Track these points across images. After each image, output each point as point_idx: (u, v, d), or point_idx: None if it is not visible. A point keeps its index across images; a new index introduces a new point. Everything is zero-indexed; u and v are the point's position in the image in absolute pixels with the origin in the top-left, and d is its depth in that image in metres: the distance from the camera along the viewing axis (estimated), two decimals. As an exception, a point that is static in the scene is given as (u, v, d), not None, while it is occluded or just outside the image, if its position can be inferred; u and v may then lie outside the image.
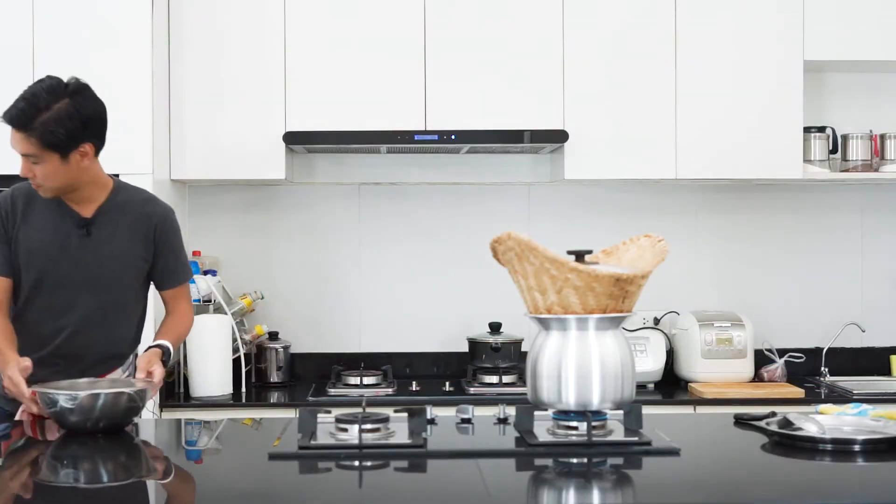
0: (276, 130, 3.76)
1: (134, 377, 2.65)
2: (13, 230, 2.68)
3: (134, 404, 2.40)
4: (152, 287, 2.87)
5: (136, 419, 2.49)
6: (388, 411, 2.37)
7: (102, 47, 3.56)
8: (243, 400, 3.73)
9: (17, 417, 2.53)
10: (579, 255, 2.31)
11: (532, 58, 3.82)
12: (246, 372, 3.86)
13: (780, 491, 1.98)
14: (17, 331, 2.69)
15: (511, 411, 2.44)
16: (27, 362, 2.51)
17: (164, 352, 2.67)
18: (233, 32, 3.79)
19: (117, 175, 3.55)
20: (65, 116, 2.56)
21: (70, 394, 2.36)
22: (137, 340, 2.86)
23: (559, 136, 3.76)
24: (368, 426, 2.26)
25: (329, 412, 2.43)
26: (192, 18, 3.78)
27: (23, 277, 2.68)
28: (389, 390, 3.77)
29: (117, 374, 2.77)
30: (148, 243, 2.77)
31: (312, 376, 4.06)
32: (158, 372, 2.57)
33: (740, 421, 2.54)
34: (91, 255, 2.69)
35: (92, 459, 2.26)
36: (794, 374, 4.03)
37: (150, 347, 2.69)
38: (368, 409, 2.34)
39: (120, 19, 3.57)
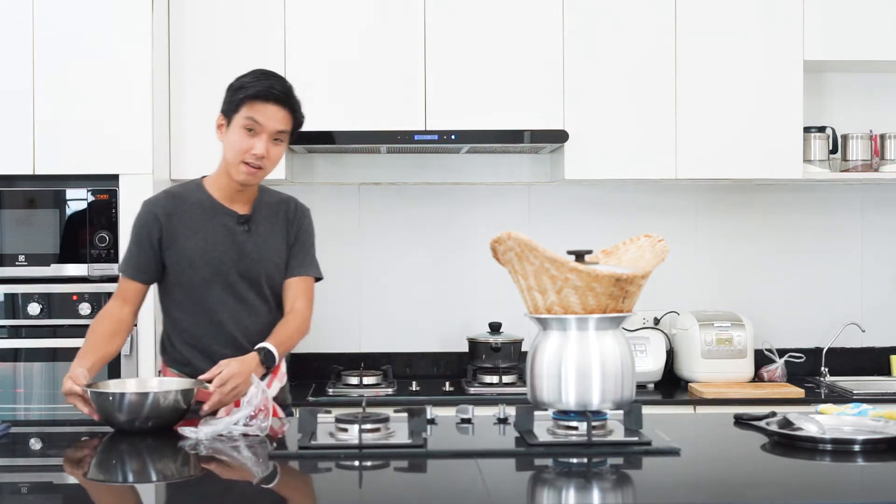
0: (276, 130, 3.76)
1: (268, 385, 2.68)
2: (162, 239, 2.67)
3: (179, 404, 2.43)
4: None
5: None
6: (388, 411, 2.38)
7: (102, 47, 3.56)
8: (243, 400, 3.73)
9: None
10: (579, 255, 2.32)
11: (532, 58, 3.82)
12: (246, 372, 3.85)
13: (780, 491, 1.98)
14: (181, 333, 2.70)
15: (511, 411, 2.44)
16: (83, 372, 2.52)
17: (263, 354, 2.57)
18: (233, 32, 3.79)
19: (117, 175, 3.58)
20: (300, 103, 2.71)
21: (118, 392, 2.42)
22: None
23: (559, 136, 3.76)
24: (368, 426, 2.27)
25: (329, 412, 2.43)
26: (192, 18, 3.78)
27: (188, 279, 2.68)
28: (389, 390, 3.77)
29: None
30: (289, 237, 2.78)
31: (312, 376, 4.06)
32: (227, 371, 2.46)
33: (740, 421, 2.55)
34: (253, 251, 2.71)
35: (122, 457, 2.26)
36: (794, 374, 4.03)
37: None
38: (368, 409, 2.35)
39: (120, 19, 3.57)
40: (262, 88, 2.61)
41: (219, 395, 2.47)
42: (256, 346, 2.61)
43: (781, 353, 4.01)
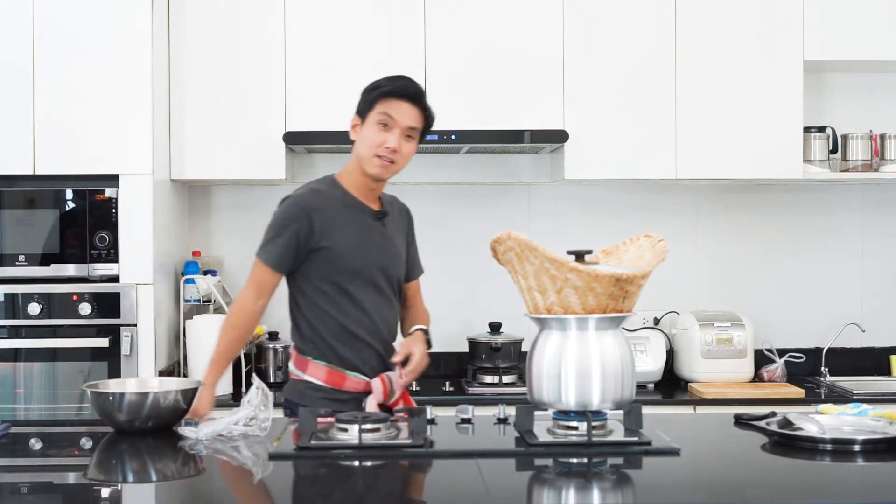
0: (276, 130, 3.76)
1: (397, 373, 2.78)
2: (312, 234, 2.71)
3: (179, 404, 2.44)
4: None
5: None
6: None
7: (102, 47, 3.56)
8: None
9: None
10: (579, 255, 2.32)
11: (532, 58, 3.81)
12: (246, 372, 3.86)
13: (780, 491, 1.99)
14: (327, 324, 2.74)
15: (511, 411, 2.44)
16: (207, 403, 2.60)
17: (426, 333, 2.84)
18: (233, 32, 3.79)
19: (117, 175, 3.58)
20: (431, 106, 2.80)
21: (118, 392, 2.42)
22: None
23: (559, 136, 3.76)
24: (368, 426, 2.27)
25: (330, 412, 2.43)
26: (192, 18, 3.78)
27: (339, 272, 2.73)
28: (389, 390, 3.77)
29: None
30: (408, 237, 2.95)
31: (312, 376, 4.05)
32: (418, 352, 2.72)
33: (740, 421, 2.55)
34: (389, 246, 2.82)
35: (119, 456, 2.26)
36: (794, 374, 4.03)
37: (412, 332, 2.84)
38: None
39: (120, 19, 3.57)
40: (396, 87, 2.72)
41: (412, 375, 2.71)
42: (416, 327, 2.85)
43: (781, 353, 4.01)
